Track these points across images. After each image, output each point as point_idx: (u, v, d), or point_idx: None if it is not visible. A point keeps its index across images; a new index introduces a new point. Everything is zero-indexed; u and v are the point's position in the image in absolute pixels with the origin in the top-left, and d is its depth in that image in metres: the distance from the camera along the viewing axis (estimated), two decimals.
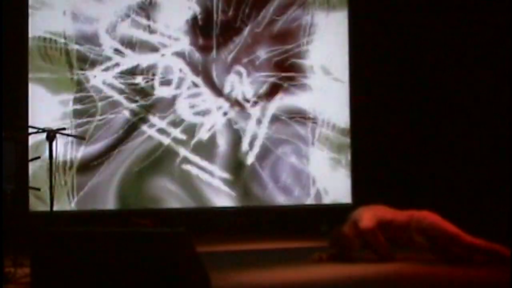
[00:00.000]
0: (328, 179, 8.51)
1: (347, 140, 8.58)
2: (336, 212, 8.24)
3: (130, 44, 8.11)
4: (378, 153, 8.44)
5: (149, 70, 8.15)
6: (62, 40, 7.91)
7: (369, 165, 8.44)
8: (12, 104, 7.41)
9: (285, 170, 8.44)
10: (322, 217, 8.21)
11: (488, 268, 5.37)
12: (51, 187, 5.24)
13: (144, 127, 8.09)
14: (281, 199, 8.40)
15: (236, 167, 8.33)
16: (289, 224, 8.28)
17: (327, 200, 8.49)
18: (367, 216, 5.76)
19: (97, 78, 7.97)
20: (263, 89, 8.46)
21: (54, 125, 6.25)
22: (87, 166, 7.85)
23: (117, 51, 8.06)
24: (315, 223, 8.15)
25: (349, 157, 8.56)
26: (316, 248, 6.19)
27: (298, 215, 8.37)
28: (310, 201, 8.46)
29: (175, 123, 8.17)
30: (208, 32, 8.37)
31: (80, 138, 5.73)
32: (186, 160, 8.17)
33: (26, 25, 7.82)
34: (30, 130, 5.94)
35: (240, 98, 8.39)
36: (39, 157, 6.25)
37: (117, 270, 3.84)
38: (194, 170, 8.19)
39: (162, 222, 7.34)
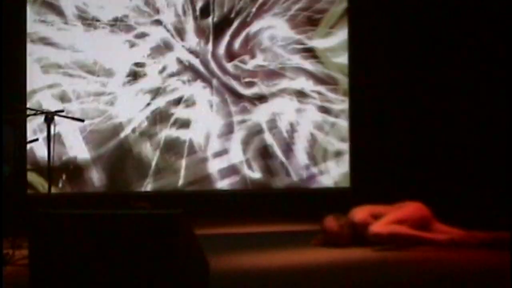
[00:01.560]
0: (326, 162, 8.50)
1: (346, 123, 8.56)
2: (335, 195, 8.27)
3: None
4: (377, 137, 8.44)
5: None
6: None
7: (367, 149, 8.43)
8: (10, 86, 7.39)
9: (283, 153, 8.43)
10: (321, 200, 8.21)
11: (488, 251, 5.40)
12: (49, 169, 5.23)
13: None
14: (280, 182, 8.40)
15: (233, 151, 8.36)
16: (287, 207, 8.27)
17: (325, 183, 8.48)
18: (359, 212, 5.82)
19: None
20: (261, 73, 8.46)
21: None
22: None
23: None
24: (313, 206, 8.15)
25: (348, 141, 8.55)
26: (314, 231, 6.19)
27: (296, 199, 8.36)
28: (308, 184, 8.45)
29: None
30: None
31: (79, 120, 5.71)
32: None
33: (24, 9, 7.82)
34: (28, 112, 5.92)
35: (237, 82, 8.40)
36: (37, 139, 6.25)
37: (115, 252, 3.83)
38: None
39: (160, 204, 7.33)
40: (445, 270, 4.85)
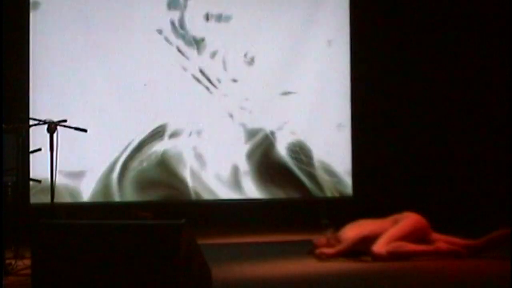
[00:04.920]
0: (328, 171, 8.49)
1: (347, 131, 8.54)
2: (337, 204, 8.26)
3: None
4: (378, 145, 8.44)
5: None
6: None
7: (369, 158, 8.43)
8: (13, 95, 7.41)
9: (284, 161, 8.43)
10: (323, 209, 8.22)
11: (488, 260, 5.41)
12: (52, 179, 5.24)
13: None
14: (281, 192, 8.39)
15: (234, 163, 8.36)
16: (289, 216, 8.28)
17: (327, 192, 8.46)
18: (348, 229, 5.86)
19: None
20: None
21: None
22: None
23: None
24: (315, 215, 8.15)
25: (349, 149, 8.53)
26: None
27: (298, 208, 8.36)
28: (310, 193, 8.43)
29: None
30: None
31: (82, 130, 5.71)
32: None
33: (27, 14, 7.84)
34: (31, 122, 5.93)
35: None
36: (40, 149, 6.24)
37: (118, 262, 3.85)
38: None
39: (163, 214, 7.35)
40: (445, 280, 4.86)
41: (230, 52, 8.33)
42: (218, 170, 8.24)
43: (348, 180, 8.47)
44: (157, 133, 8.13)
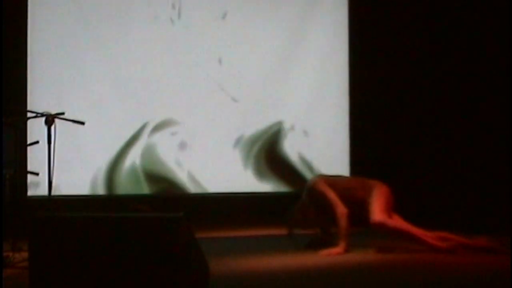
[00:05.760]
0: (325, 164, 8.49)
1: (346, 123, 8.55)
2: None
3: None
4: (377, 139, 8.43)
5: None
6: None
7: (368, 152, 8.42)
8: (10, 88, 7.40)
9: (281, 155, 8.43)
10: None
11: (488, 255, 5.42)
12: (49, 172, 5.24)
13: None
14: (277, 185, 8.40)
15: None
16: (286, 210, 8.27)
17: None
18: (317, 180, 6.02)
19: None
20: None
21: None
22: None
23: None
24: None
25: (347, 142, 8.54)
26: (314, 234, 6.21)
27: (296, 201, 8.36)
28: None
29: None
30: None
31: (79, 123, 5.71)
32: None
33: (25, 8, 7.82)
34: (29, 114, 5.93)
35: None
36: (37, 142, 6.24)
37: (115, 255, 3.84)
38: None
39: (160, 207, 7.34)
40: (445, 273, 4.86)
41: (228, 49, 8.34)
42: (216, 164, 8.25)
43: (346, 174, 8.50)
44: (155, 125, 8.14)
